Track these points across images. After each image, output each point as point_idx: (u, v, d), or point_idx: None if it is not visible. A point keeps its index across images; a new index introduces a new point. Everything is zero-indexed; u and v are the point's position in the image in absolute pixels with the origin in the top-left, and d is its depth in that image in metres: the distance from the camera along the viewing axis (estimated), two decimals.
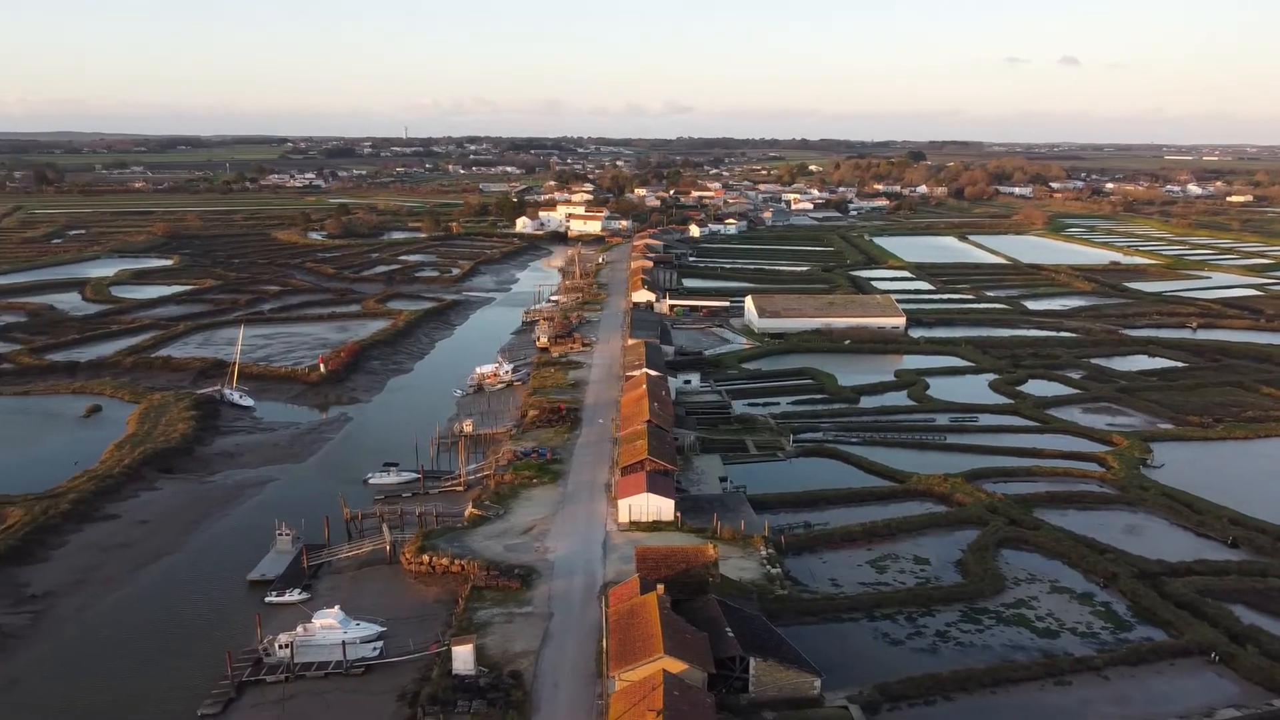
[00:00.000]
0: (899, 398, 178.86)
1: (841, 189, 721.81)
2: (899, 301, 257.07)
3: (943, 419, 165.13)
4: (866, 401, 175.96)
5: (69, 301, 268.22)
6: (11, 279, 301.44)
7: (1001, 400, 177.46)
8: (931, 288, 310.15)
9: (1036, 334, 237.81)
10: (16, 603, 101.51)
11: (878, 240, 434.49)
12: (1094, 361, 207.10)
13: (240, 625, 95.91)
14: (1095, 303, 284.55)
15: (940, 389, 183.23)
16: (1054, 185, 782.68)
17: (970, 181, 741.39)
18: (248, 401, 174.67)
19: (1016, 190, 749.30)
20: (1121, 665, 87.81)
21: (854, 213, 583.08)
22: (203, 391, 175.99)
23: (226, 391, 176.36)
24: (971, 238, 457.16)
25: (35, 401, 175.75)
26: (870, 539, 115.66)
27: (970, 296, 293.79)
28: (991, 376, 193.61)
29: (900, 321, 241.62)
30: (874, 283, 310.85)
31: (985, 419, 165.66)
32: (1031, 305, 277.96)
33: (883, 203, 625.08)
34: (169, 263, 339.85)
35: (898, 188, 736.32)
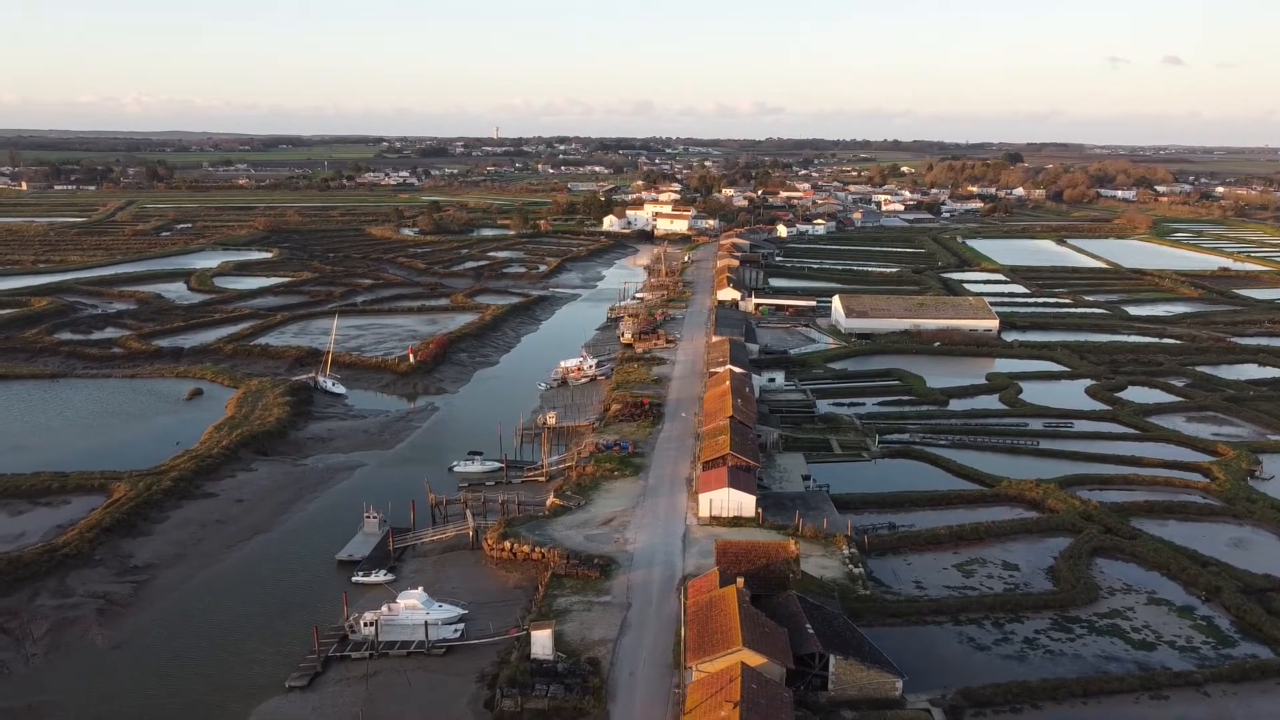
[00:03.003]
0: (990, 401, 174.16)
1: (934, 191, 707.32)
2: (992, 305, 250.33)
3: (1036, 424, 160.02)
4: (956, 404, 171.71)
5: (175, 291, 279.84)
6: (123, 269, 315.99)
7: (1099, 406, 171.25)
8: (1026, 291, 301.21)
9: (1138, 340, 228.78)
10: (121, 572, 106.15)
11: (971, 243, 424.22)
12: (1199, 369, 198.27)
13: (328, 603, 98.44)
14: (1202, 309, 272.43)
15: (1034, 394, 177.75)
16: (1159, 189, 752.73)
17: (1070, 184, 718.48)
18: (340, 389, 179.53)
19: (1119, 194, 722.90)
20: (1224, 682, 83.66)
21: (946, 215, 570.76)
22: (298, 379, 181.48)
23: (320, 379, 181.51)
24: (1070, 241, 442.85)
25: (143, 384, 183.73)
26: (957, 543, 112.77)
27: (1067, 301, 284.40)
28: (1089, 382, 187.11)
29: (993, 324, 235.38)
30: (966, 285, 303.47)
31: (1081, 425, 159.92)
32: (1133, 311, 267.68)
33: (977, 205, 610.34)
34: (269, 256, 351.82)
35: (993, 190, 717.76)
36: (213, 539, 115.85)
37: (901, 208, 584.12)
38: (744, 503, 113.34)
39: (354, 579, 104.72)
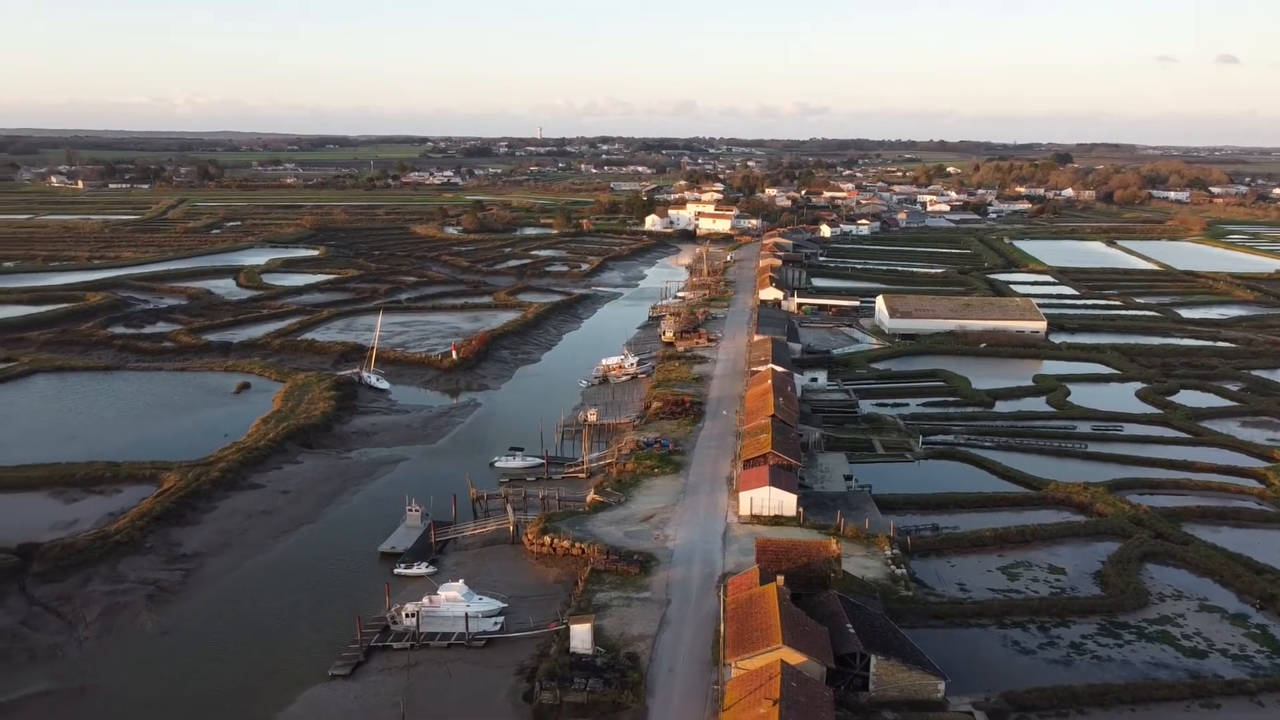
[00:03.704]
0: (1037, 404, 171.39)
1: (981, 191, 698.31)
2: (1040, 306, 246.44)
3: (1084, 427, 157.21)
4: (1002, 406, 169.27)
5: (224, 287, 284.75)
6: (175, 265, 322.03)
7: (1149, 410, 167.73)
8: (1075, 293, 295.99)
9: (1190, 343, 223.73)
10: (170, 560, 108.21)
11: (1018, 244, 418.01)
12: (1255, 373, 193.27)
13: (370, 594, 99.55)
14: (1259, 312, 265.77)
15: (1082, 396, 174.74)
16: (1214, 190, 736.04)
17: (1121, 185, 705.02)
18: (384, 384, 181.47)
19: (1172, 195, 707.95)
20: (1279, 692, 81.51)
21: (993, 215, 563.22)
22: (343, 373, 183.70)
23: (365, 374, 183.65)
24: (1120, 243, 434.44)
25: (192, 377, 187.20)
26: (1002, 545, 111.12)
27: (1118, 303, 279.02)
28: (1139, 385, 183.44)
29: (1040, 326, 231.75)
30: (1013, 286, 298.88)
31: (1131, 429, 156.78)
32: (1186, 313, 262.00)
33: (1024, 206, 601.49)
34: (315, 253, 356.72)
35: (1041, 191, 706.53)
36: (259, 529, 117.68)
37: (947, 208, 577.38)
38: (785, 501, 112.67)
39: (396, 571, 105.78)
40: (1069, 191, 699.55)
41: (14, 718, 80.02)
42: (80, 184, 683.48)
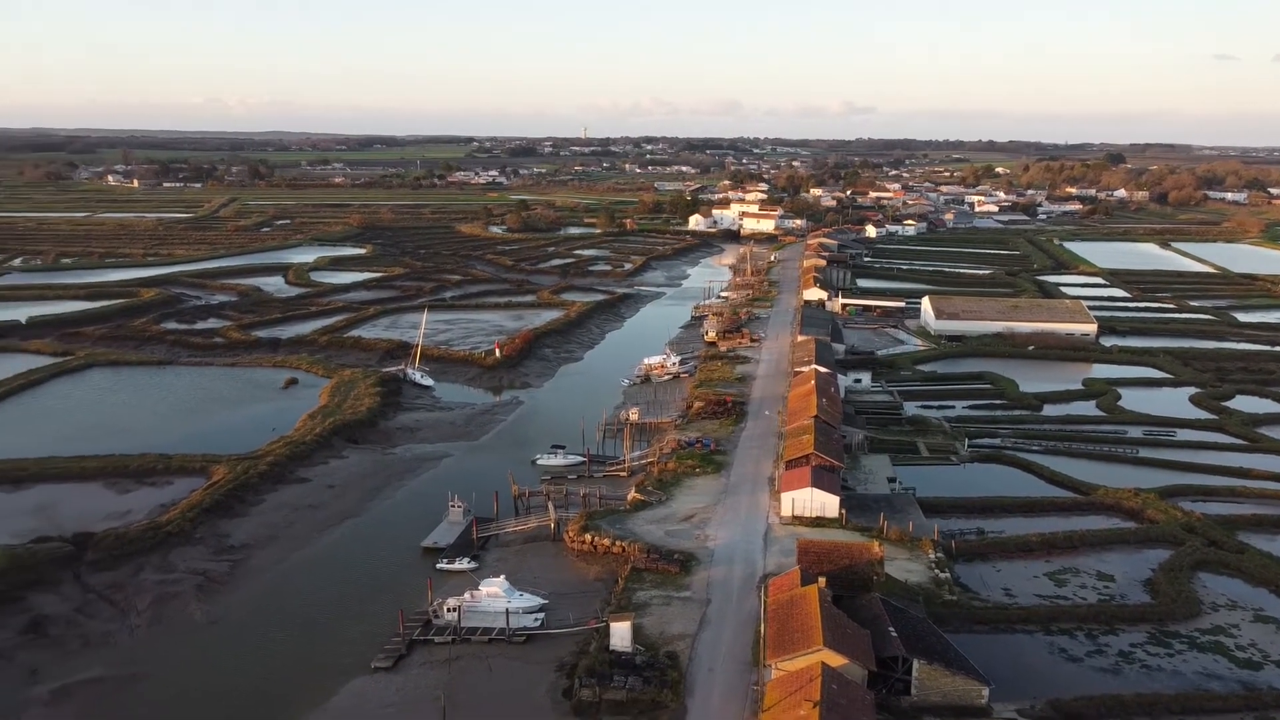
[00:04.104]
0: (1086, 407, 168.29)
1: (1030, 192, 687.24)
2: (1090, 308, 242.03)
3: (1135, 432, 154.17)
4: (1050, 410, 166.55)
5: (273, 284, 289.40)
6: (226, 263, 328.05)
7: (1204, 415, 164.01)
8: (1127, 295, 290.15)
9: (1248, 348, 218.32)
10: (219, 551, 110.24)
11: (1068, 245, 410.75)
12: None
13: (412, 588, 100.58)
14: None
15: (1133, 400, 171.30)
16: (1273, 190, 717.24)
17: (1175, 186, 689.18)
18: (428, 381, 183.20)
19: (1229, 196, 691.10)
20: None
21: (1043, 216, 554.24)
22: (388, 370, 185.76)
23: (409, 371, 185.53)
24: (1175, 245, 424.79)
25: (242, 372, 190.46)
26: (1049, 550, 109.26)
27: (1171, 306, 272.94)
28: (1193, 390, 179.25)
29: (1091, 328, 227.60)
30: (1062, 288, 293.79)
31: (1184, 434, 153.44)
32: (1242, 317, 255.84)
33: (1075, 207, 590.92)
34: (362, 251, 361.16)
35: (1093, 191, 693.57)
36: (304, 522, 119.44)
37: (995, 209, 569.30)
38: (827, 503, 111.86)
39: (438, 565, 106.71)
40: (1121, 192, 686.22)
41: (68, 702, 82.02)
42: (136, 183, 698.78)
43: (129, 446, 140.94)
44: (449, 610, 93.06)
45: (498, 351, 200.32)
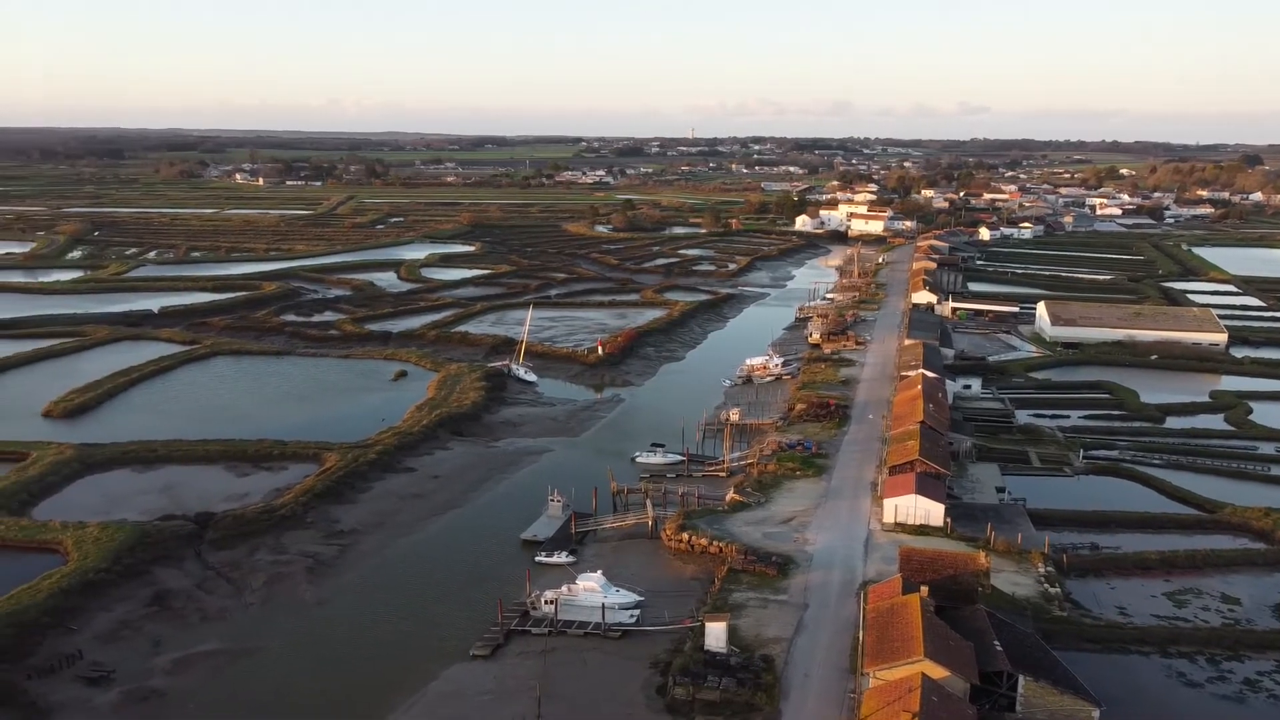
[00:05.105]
0: (1213, 421, 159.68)
1: (1157, 194, 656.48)
2: (1220, 317, 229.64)
3: (1267, 448, 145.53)
4: (1173, 422, 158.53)
5: (386, 280, 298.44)
6: (342, 258, 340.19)
7: None
8: (1262, 304, 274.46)
9: None
10: (329, 536, 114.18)
11: (1197, 250, 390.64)
12: None
13: (511, 579, 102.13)
14: None
15: (1266, 415, 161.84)
16: None
17: None
18: (531, 377, 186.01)
19: None
20: None
21: (1170, 220, 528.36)
22: (493, 365, 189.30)
23: (513, 367, 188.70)
24: None
25: (354, 364, 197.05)
26: (1168, 569, 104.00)
27: None
28: None
29: (1220, 338, 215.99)
30: (1190, 296, 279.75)
31: None
32: None
33: (1206, 210, 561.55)
34: (471, 249, 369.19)
35: (1226, 194, 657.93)
36: (410, 511, 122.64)
37: (1119, 212, 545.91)
38: (931, 510, 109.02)
39: (537, 558, 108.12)
40: (1258, 195, 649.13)
41: (188, 671, 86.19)
42: (261, 181, 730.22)
43: (248, 432, 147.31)
44: (546, 602, 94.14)
45: (600, 349, 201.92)
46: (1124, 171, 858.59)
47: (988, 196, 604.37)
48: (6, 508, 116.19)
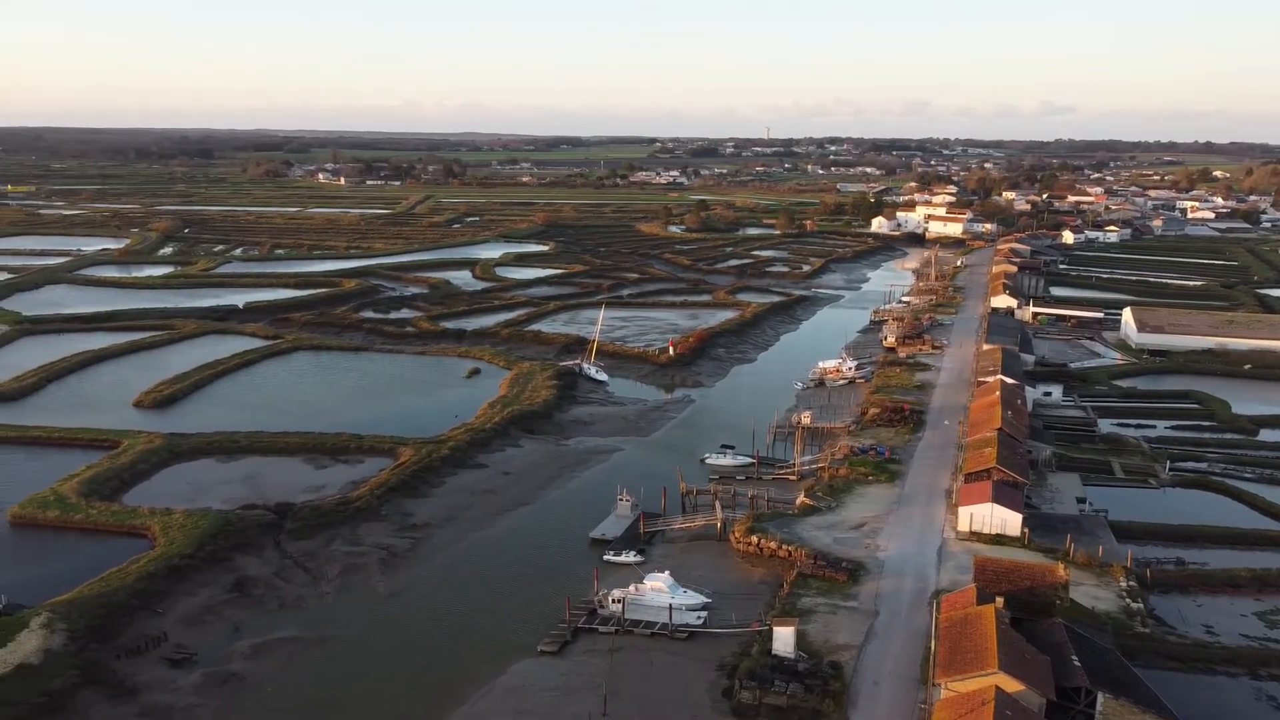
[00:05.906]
0: None
1: (1253, 198, 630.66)
2: None
3: None
4: (1267, 435, 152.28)
5: (461, 278, 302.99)
6: (419, 256, 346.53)
7: None
8: None
9: None
10: (402, 529, 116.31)
11: None
12: None
13: (579, 577, 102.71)
14: None
15: None
16: None
17: None
18: (602, 376, 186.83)
19: None
20: None
21: (1267, 224, 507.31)
22: (564, 364, 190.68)
23: (585, 366, 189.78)
24: None
25: (430, 360, 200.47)
26: (1260, 588, 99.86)
27: None
28: None
29: None
30: None
31: None
32: None
33: None
34: (545, 248, 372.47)
35: None
36: (481, 506, 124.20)
37: (1211, 215, 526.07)
38: (1008, 520, 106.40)
39: (605, 557, 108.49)
40: None
41: (266, 656, 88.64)
42: (342, 180, 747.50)
43: (326, 425, 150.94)
44: (614, 601, 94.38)
45: (671, 349, 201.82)
46: (1218, 174, 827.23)
47: (1072, 199, 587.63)
48: (99, 493, 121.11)
